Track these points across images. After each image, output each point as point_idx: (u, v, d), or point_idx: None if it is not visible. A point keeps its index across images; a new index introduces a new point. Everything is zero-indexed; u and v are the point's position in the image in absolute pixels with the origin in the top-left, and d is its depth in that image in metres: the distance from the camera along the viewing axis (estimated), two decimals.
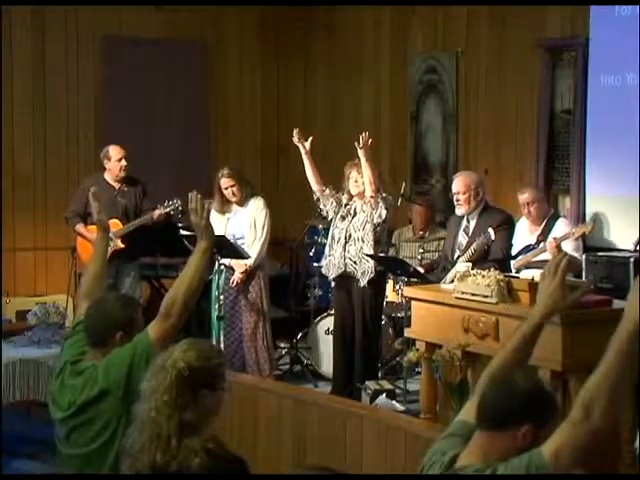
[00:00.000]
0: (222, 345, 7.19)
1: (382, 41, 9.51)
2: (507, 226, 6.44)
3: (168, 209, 7.57)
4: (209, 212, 3.61)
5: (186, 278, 3.46)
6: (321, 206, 7.03)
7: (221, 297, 7.20)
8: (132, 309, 3.58)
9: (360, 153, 6.66)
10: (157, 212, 7.59)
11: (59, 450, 3.56)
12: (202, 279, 3.51)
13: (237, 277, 7.19)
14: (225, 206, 7.26)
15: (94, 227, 7.62)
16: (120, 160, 7.69)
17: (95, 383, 3.39)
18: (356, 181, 6.80)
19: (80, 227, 7.70)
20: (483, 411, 2.61)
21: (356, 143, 6.69)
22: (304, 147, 6.90)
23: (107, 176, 7.77)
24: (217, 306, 7.17)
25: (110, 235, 7.42)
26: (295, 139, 6.93)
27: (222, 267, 7.23)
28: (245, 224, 7.24)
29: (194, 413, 2.88)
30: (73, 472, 3.48)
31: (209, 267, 6.34)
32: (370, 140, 6.64)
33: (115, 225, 7.59)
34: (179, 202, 7.49)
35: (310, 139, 6.92)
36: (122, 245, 7.55)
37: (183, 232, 7.73)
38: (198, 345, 2.99)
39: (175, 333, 3.41)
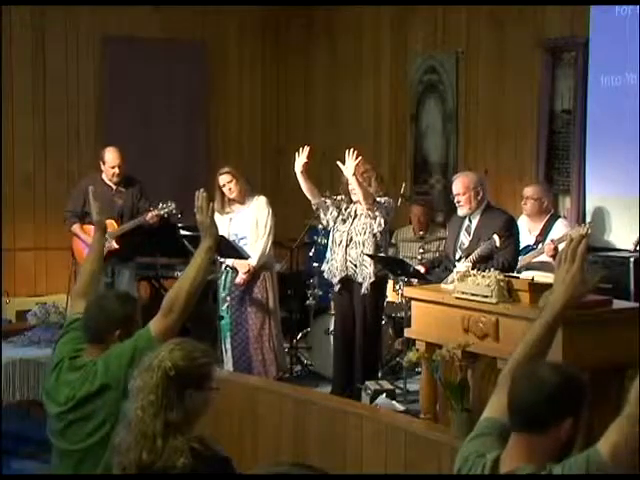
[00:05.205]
0: (229, 346, 7.20)
1: (382, 41, 9.51)
2: (511, 232, 6.31)
3: (162, 212, 7.59)
4: (214, 211, 3.61)
5: (189, 276, 3.48)
6: (321, 215, 7.00)
7: (227, 298, 7.21)
8: (131, 307, 3.59)
9: (346, 173, 6.61)
10: (150, 214, 7.59)
11: (54, 446, 3.55)
12: (205, 277, 3.53)
13: (240, 278, 7.18)
14: (227, 206, 7.24)
15: (90, 227, 7.71)
16: (113, 167, 7.68)
17: (95, 378, 3.39)
18: (353, 188, 6.77)
19: (76, 227, 7.73)
20: (519, 414, 2.52)
21: (339, 163, 6.63)
22: (300, 166, 6.80)
23: (104, 176, 7.77)
24: (224, 307, 7.20)
25: (105, 235, 7.49)
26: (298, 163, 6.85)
27: (228, 268, 7.24)
28: (248, 223, 7.22)
29: (180, 413, 2.88)
30: (70, 467, 3.47)
31: (211, 267, 6.32)
32: (359, 159, 6.57)
33: (111, 225, 7.59)
34: (173, 205, 7.52)
35: (307, 150, 6.79)
36: (117, 246, 7.56)
37: (183, 232, 7.72)
38: (185, 345, 2.99)
39: (176, 330, 3.41)
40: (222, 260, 7.19)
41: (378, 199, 6.78)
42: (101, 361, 3.41)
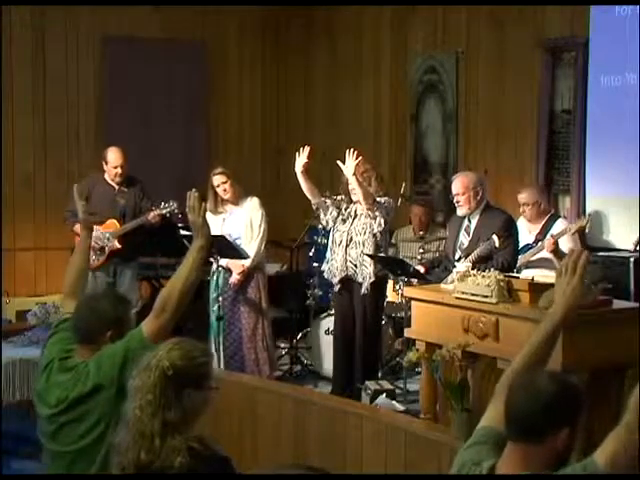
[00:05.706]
0: (221, 346, 7.19)
1: (382, 41, 9.51)
2: (510, 233, 6.31)
3: (164, 211, 7.57)
4: (206, 210, 3.60)
5: (181, 275, 3.47)
6: (321, 215, 7.00)
7: (220, 298, 7.19)
8: (123, 307, 3.57)
9: (346, 172, 6.61)
10: (152, 214, 7.58)
11: (45, 447, 3.52)
12: (198, 277, 3.51)
13: (235, 279, 7.18)
14: (220, 206, 7.23)
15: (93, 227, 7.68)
16: (116, 167, 7.67)
17: (87, 378, 3.36)
18: (353, 188, 6.76)
19: (78, 227, 7.69)
20: (516, 423, 2.50)
21: (339, 162, 6.63)
22: (301, 166, 6.78)
23: (107, 176, 7.77)
24: (216, 307, 7.18)
25: (108, 235, 7.50)
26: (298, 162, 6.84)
27: (220, 268, 7.22)
28: (241, 224, 7.22)
29: (178, 412, 2.87)
30: (61, 468, 3.45)
31: (205, 267, 6.30)
32: (359, 159, 6.57)
33: (113, 225, 7.60)
34: (175, 204, 7.49)
35: (307, 150, 6.77)
36: (119, 245, 7.56)
37: (182, 232, 7.72)
38: (183, 344, 2.98)
39: (169, 329, 3.39)
40: (217, 259, 7.18)
41: (378, 199, 6.78)
42: (93, 362, 3.39)
